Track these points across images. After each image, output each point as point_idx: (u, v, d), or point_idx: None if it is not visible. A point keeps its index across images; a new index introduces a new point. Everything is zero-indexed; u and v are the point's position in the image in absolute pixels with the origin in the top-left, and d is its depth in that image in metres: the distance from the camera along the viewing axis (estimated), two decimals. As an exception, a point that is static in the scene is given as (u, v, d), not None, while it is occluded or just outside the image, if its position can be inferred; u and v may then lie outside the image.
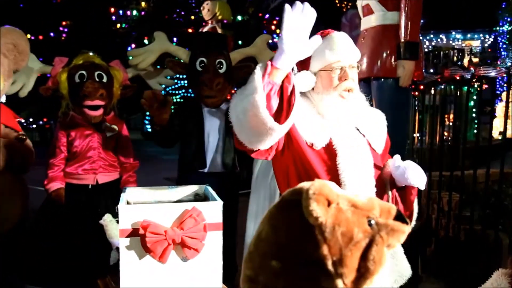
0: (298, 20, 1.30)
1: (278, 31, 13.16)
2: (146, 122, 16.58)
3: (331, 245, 0.85)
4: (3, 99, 2.33)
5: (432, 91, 3.84)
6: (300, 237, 0.88)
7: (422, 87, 3.73)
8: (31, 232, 2.65)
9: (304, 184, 0.91)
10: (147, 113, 16.39)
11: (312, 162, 1.57)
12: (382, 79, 2.95)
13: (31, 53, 2.74)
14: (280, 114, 1.36)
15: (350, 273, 0.85)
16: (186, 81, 2.88)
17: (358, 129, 1.65)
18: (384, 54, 2.91)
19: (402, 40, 2.79)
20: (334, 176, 1.56)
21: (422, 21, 2.89)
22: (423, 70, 3.09)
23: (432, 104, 4.02)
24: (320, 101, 1.62)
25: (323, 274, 0.85)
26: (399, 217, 0.94)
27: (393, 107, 3.06)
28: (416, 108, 4.19)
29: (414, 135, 4.38)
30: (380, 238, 0.89)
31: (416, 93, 3.96)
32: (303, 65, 1.64)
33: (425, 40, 10.58)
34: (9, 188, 2.14)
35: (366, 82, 3.14)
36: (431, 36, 11.00)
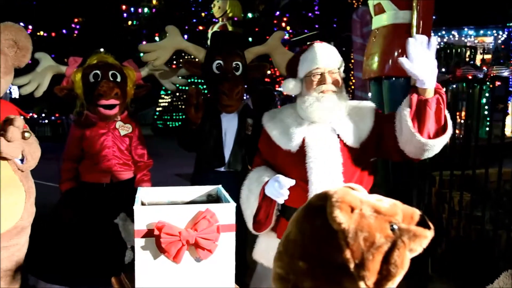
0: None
1: (288, 28, 13.15)
2: (156, 117, 16.68)
3: (354, 250, 0.90)
4: (16, 94, 2.34)
5: (444, 90, 3.81)
6: (324, 241, 0.93)
7: (433, 86, 3.70)
8: (45, 230, 2.69)
9: (330, 190, 0.96)
10: (158, 109, 16.50)
11: (285, 164, 1.86)
12: (393, 78, 2.94)
13: (45, 54, 2.78)
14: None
15: (371, 276, 0.90)
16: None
17: (334, 129, 1.81)
18: (396, 53, 2.90)
19: (414, 39, 2.78)
20: (303, 175, 1.77)
21: (433, 17, 2.88)
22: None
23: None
24: (302, 103, 1.84)
25: (346, 276, 0.90)
26: (422, 222, 0.97)
27: (404, 106, 3.06)
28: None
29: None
30: (402, 243, 0.93)
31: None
32: (292, 72, 1.91)
33: (436, 36, 10.48)
34: (13, 184, 2.16)
35: (377, 81, 3.13)
36: (443, 32, 10.88)
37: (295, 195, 1.76)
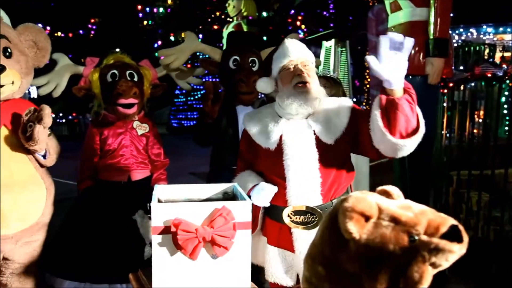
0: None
1: (303, 26, 13.10)
2: (172, 117, 16.80)
3: (365, 261, 0.85)
4: (34, 94, 2.37)
5: (462, 88, 3.76)
6: (338, 248, 0.89)
7: (451, 84, 3.66)
8: (64, 227, 2.72)
9: (350, 195, 0.92)
10: (173, 109, 16.62)
11: (265, 163, 1.88)
12: (410, 77, 2.91)
13: (63, 54, 2.81)
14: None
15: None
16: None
17: (310, 125, 1.81)
18: (412, 51, 2.86)
19: (431, 36, 2.75)
20: (281, 173, 1.79)
21: (451, 14, 2.84)
22: (453, 67, 3.03)
23: (461, 100, 3.94)
24: (280, 100, 1.83)
25: (358, 286, 0.86)
26: (453, 234, 0.86)
27: (421, 105, 3.00)
28: (445, 104, 4.11)
29: (442, 132, 4.30)
30: (421, 256, 0.84)
31: (445, 90, 3.89)
32: (266, 72, 1.94)
33: (454, 34, 10.32)
34: (35, 182, 2.20)
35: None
36: (461, 30, 10.69)
37: (275, 193, 1.82)
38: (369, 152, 1.80)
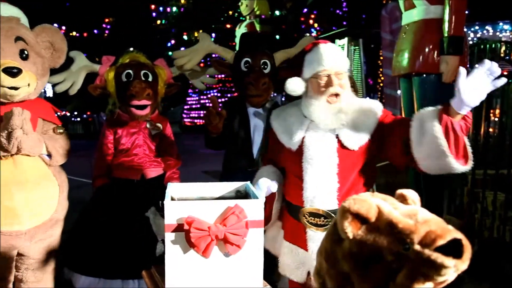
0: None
1: (316, 25, 13.06)
2: (185, 115, 16.90)
3: (357, 260, 0.87)
4: (50, 93, 2.40)
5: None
6: (336, 245, 0.92)
7: (466, 82, 3.61)
8: (79, 224, 2.76)
9: (354, 196, 0.94)
10: (186, 107, 16.71)
11: (286, 161, 1.92)
12: (424, 75, 2.88)
13: (80, 52, 2.83)
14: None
15: None
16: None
17: (334, 129, 1.80)
18: (427, 49, 2.84)
19: (446, 34, 2.71)
20: (300, 173, 1.81)
21: (466, 12, 2.80)
22: (468, 66, 2.99)
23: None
24: (309, 105, 1.83)
25: (349, 285, 0.89)
26: (452, 248, 0.83)
27: (436, 103, 2.98)
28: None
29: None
30: (411, 265, 0.83)
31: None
32: (297, 72, 1.90)
33: (469, 32, 10.19)
34: (47, 179, 2.24)
35: (406, 77, 3.08)
36: (476, 27, 10.56)
37: (292, 191, 1.88)
38: (397, 160, 1.78)
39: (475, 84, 1.46)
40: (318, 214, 1.78)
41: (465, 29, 2.83)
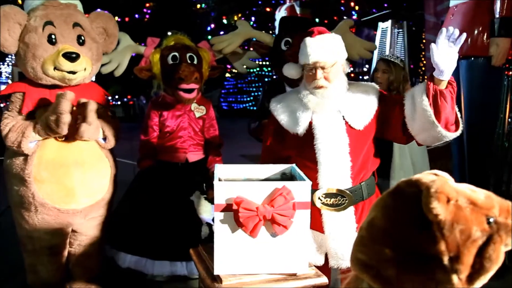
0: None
1: (357, 7, 12.75)
2: (222, 99, 17.04)
3: (449, 242, 0.88)
4: (93, 77, 2.48)
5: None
6: (414, 230, 0.91)
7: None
8: (123, 204, 2.84)
9: (422, 177, 0.94)
10: (223, 91, 16.82)
11: (293, 147, 1.91)
12: (472, 58, 2.79)
13: (125, 33, 2.86)
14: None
15: (465, 269, 0.88)
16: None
17: (339, 111, 1.84)
18: (476, 31, 2.75)
19: (497, 15, 2.62)
20: (312, 156, 1.82)
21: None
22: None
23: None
24: (303, 92, 1.88)
25: (438, 268, 0.89)
26: None
27: (484, 88, 2.89)
28: (509, 88, 3.90)
29: (506, 117, 4.08)
30: (499, 237, 0.90)
31: (510, 72, 3.68)
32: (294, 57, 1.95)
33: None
34: (101, 160, 2.34)
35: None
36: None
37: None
38: (399, 137, 1.86)
39: (444, 50, 1.60)
40: (333, 194, 1.82)
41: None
